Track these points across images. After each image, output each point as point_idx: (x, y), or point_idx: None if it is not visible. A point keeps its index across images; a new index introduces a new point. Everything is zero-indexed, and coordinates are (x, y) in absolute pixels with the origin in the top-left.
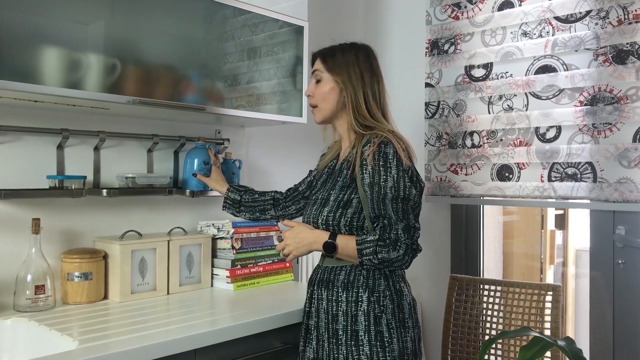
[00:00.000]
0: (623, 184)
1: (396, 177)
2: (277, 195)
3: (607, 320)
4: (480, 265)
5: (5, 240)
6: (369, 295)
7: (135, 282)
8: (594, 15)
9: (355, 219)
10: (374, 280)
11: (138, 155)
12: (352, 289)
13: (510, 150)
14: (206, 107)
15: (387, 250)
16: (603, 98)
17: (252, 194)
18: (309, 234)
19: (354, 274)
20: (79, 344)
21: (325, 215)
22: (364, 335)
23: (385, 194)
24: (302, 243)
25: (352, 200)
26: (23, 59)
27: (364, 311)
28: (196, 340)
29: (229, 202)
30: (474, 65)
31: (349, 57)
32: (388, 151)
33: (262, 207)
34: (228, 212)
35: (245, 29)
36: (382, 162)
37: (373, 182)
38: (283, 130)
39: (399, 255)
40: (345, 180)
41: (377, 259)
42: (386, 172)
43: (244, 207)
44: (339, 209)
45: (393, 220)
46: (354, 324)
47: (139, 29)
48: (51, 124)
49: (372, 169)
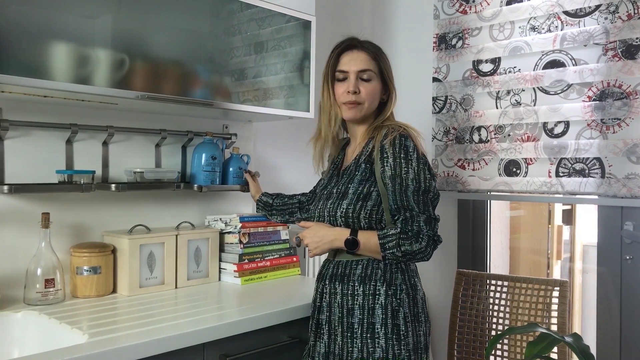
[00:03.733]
0: (631, 179)
1: (417, 169)
2: (302, 198)
3: (614, 316)
4: (487, 261)
5: (15, 234)
6: (386, 289)
7: (143, 276)
8: (603, 9)
9: (374, 211)
10: (391, 274)
11: (146, 150)
12: (369, 282)
13: (518, 145)
14: (214, 102)
15: (409, 242)
16: (612, 93)
17: (282, 197)
18: (329, 232)
19: (371, 267)
20: (88, 337)
21: (344, 207)
22: (381, 329)
23: (407, 186)
24: (323, 241)
25: (372, 193)
26: (32, 54)
27: (381, 304)
28: (204, 334)
29: (261, 205)
30: (482, 60)
31: (387, 60)
32: (408, 144)
33: (290, 210)
34: (260, 213)
35: (252, 23)
36: (403, 154)
37: (395, 174)
38: (290, 125)
39: (421, 247)
40: (364, 173)
41: (400, 251)
42: (407, 164)
43: (275, 210)
44: (359, 201)
45: (415, 212)
46: (370, 317)
47: (146, 23)
48: (60, 119)
49: (393, 162)
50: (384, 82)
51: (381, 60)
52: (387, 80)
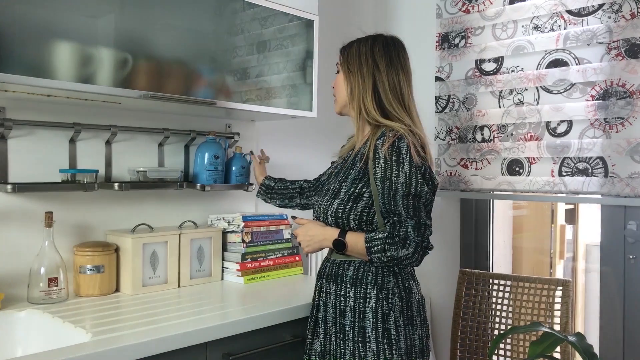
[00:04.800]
0: (635, 179)
1: (408, 173)
2: (305, 184)
3: (617, 316)
4: (489, 260)
5: (19, 233)
6: (377, 292)
7: (146, 275)
8: (606, 8)
9: (365, 213)
10: (382, 277)
11: (149, 149)
12: (360, 285)
13: (521, 144)
14: (217, 102)
15: (395, 248)
16: (615, 92)
17: (284, 182)
18: (319, 231)
19: (363, 269)
20: (92, 336)
21: (335, 207)
22: (371, 332)
23: (397, 189)
24: (314, 240)
25: (364, 194)
26: (35, 53)
27: (371, 308)
28: (207, 333)
29: (263, 189)
30: (485, 59)
31: (363, 47)
32: (402, 146)
33: (290, 194)
34: (260, 197)
35: (254, 22)
36: (395, 156)
37: (385, 177)
38: (293, 124)
39: (408, 253)
40: (358, 173)
41: (386, 256)
42: (398, 167)
43: (275, 194)
44: (349, 202)
45: (403, 217)
46: (361, 321)
47: (149, 22)
48: (63, 118)
49: (384, 163)
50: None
51: (348, 49)
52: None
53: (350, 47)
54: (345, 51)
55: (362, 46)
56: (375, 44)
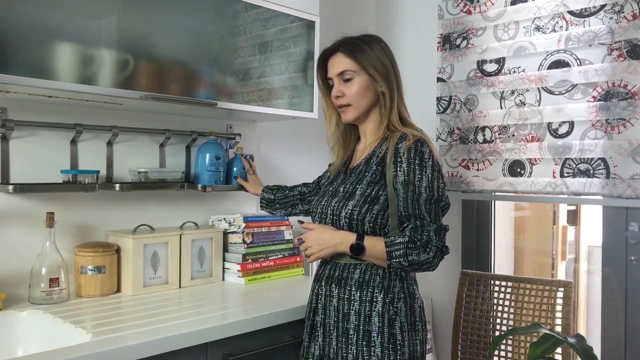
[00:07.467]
0: (637, 180)
1: (431, 177)
2: (304, 189)
3: (619, 317)
4: (491, 261)
5: (20, 233)
6: (384, 296)
7: (147, 276)
8: (608, 9)
9: (380, 216)
10: (389, 281)
11: (150, 150)
12: (367, 288)
13: (522, 145)
14: (218, 103)
15: (417, 252)
16: (617, 93)
17: (283, 190)
18: (334, 235)
19: (370, 273)
20: (92, 336)
21: (350, 208)
22: (377, 337)
23: (420, 193)
24: (327, 244)
25: (380, 197)
26: (37, 54)
27: (378, 312)
28: (207, 333)
29: (265, 202)
30: (486, 60)
31: (377, 49)
32: (424, 150)
33: (292, 202)
34: (265, 211)
35: (256, 23)
36: (418, 160)
37: (408, 181)
38: (294, 125)
39: (428, 257)
40: (374, 175)
41: (407, 261)
42: (422, 171)
43: (278, 204)
44: (365, 204)
45: (426, 221)
46: (366, 324)
47: (151, 24)
48: (65, 119)
49: (407, 167)
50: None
51: (360, 54)
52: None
53: (362, 51)
54: (359, 56)
55: (374, 48)
56: (383, 45)
